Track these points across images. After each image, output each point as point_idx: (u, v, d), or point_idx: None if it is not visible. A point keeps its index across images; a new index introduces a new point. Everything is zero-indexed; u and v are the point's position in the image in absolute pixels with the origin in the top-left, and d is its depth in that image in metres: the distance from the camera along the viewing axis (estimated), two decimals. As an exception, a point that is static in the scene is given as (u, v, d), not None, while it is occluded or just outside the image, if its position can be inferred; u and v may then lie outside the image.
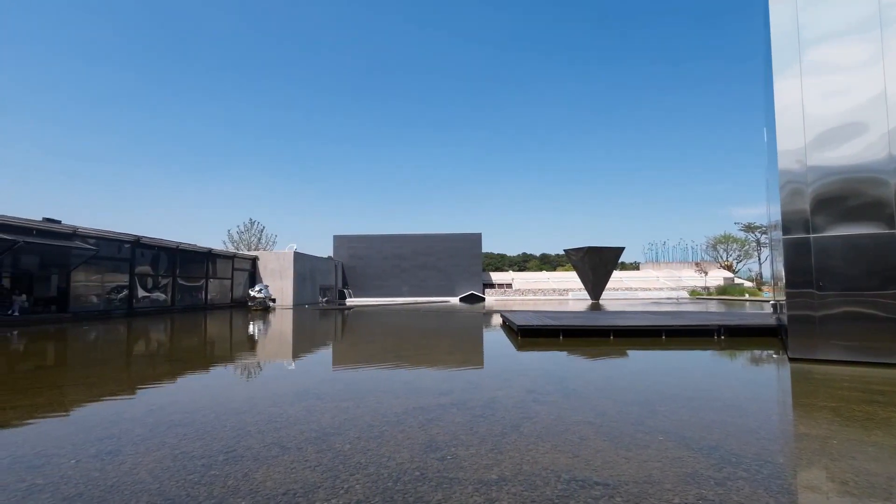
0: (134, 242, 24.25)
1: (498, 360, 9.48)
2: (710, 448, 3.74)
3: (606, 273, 42.83)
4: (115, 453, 3.68)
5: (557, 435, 4.08)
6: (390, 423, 4.48)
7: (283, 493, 2.93)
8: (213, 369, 8.49)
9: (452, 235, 54.63)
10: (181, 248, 28.00)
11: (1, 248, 17.54)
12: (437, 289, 52.96)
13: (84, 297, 21.90)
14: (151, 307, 25.60)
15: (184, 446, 3.84)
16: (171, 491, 2.97)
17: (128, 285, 24.10)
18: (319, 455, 3.60)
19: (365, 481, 3.10)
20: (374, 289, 52.96)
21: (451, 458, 3.51)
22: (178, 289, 27.98)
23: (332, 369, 8.74)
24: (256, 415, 4.86)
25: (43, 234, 19.39)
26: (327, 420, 4.59)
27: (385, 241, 54.47)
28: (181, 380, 7.35)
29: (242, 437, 4.08)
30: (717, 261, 67.52)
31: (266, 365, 9.05)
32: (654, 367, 8.24)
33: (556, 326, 12.07)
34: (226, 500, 2.82)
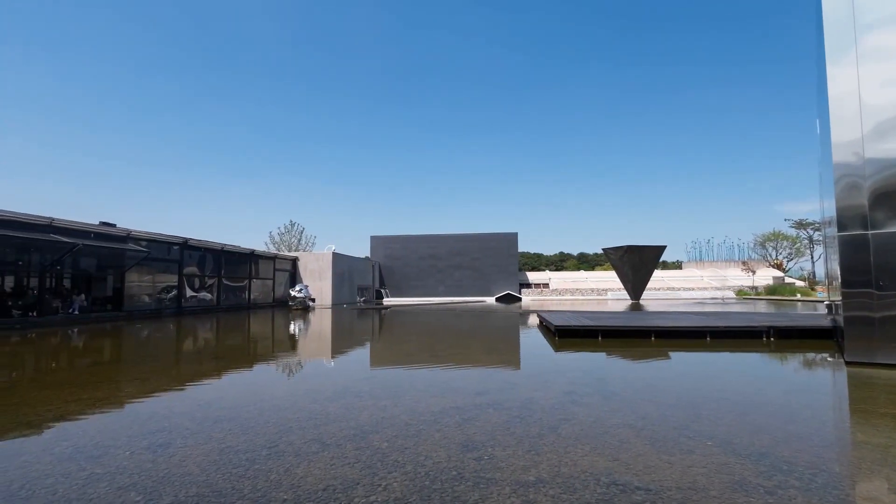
0: (182, 244, 25.32)
1: (535, 360, 9.38)
2: (759, 455, 3.58)
3: (647, 272, 41.69)
4: (166, 446, 3.85)
5: (597, 437, 4.00)
6: (427, 422, 4.51)
7: (323, 488, 2.99)
8: (256, 367, 8.76)
9: (488, 235, 54.44)
10: (226, 250, 29.04)
11: (62, 251, 18.67)
12: (473, 288, 52.90)
13: (137, 296, 23.03)
14: (198, 306, 26.67)
15: (229, 441, 3.98)
16: (217, 483, 3.08)
17: (176, 285, 25.20)
18: (358, 452, 3.66)
19: (402, 479, 3.13)
20: (410, 288, 53.41)
21: (487, 459, 3.50)
22: (223, 289, 29.03)
23: (370, 368, 8.86)
24: (297, 411, 4.99)
25: (99, 236, 20.52)
26: (365, 418, 4.66)
27: (421, 242, 54.83)
28: (226, 376, 7.62)
29: (284, 433, 4.19)
30: (765, 259, 64.57)
31: (306, 363, 9.27)
32: (699, 370, 7.96)
33: (594, 327, 11.84)
34: (269, 494, 2.91)
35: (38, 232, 17.77)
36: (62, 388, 6.37)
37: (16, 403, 5.49)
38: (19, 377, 7.58)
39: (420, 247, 54.63)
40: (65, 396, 5.85)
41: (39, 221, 18.09)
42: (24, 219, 17.52)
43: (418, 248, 54.63)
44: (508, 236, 54.31)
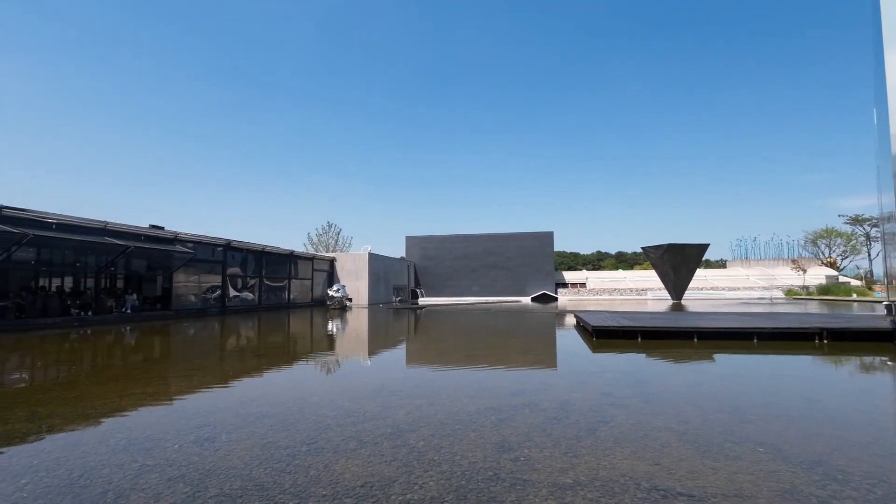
0: (225, 246, 26.23)
1: (572, 361, 9.24)
2: (811, 462, 3.41)
3: (689, 272, 40.36)
4: (212, 440, 4.00)
5: (637, 441, 3.91)
6: (463, 421, 4.51)
7: (361, 485, 3.04)
8: (295, 365, 8.99)
9: (523, 234, 53.96)
10: (266, 251, 29.90)
11: (115, 253, 19.67)
12: (508, 288, 52.57)
13: (184, 296, 24.01)
14: (241, 306, 27.57)
15: (270, 436, 4.09)
16: (259, 477, 3.18)
17: (220, 285, 26.13)
18: (395, 450, 3.70)
19: (438, 478, 3.14)
20: (445, 288, 53.55)
21: (524, 460, 3.47)
22: (264, 289, 29.90)
23: (406, 367, 8.94)
24: (335, 409, 5.08)
25: (149, 239, 21.50)
26: (402, 416, 4.71)
27: (455, 242, 54.88)
28: (268, 374, 7.85)
29: (323, 429, 4.28)
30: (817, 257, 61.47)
31: (344, 362, 9.44)
32: (745, 373, 7.65)
33: (633, 327, 11.56)
34: (308, 490, 2.98)
35: (94, 235, 18.79)
36: (116, 384, 6.71)
37: (76, 397, 5.82)
38: (78, 372, 8.03)
39: (455, 247, 54.69)
40: (119, 391, 6.16)
41: (94, 225, 19.12)
42: (80, 222, 18.56)
43: (453, 247, 54.70)
44: (544, 235, 53.67)
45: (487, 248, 54.06)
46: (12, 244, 15.73)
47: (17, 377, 7.64)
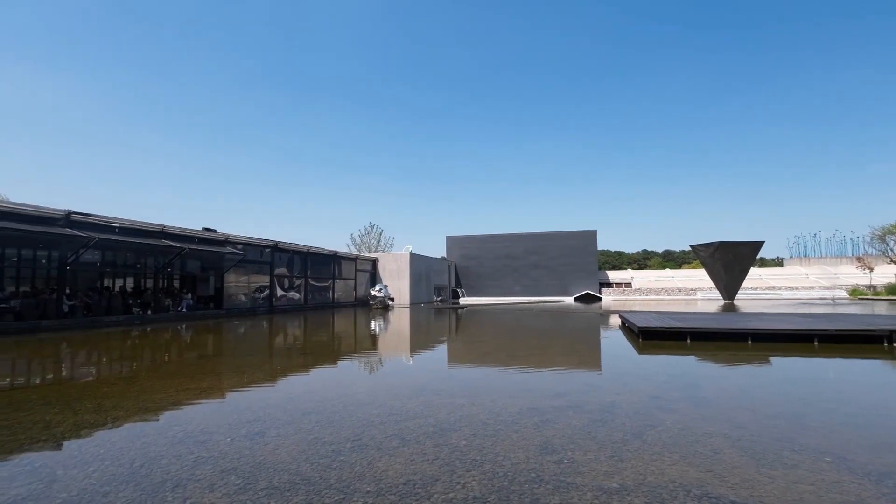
0: (273, 247, 27.14)
1: (617, 362, 9.02)
2: (880, 474, 3.19)
3: (742, 270, 38.56)
4: (261, 435, 4.15)
5: (686, 446, 3.77)
6: (505, 422, 4.48)
7: (404, 483, 3.07)
8: (340, 363, 9.19)
9: (566, 233, 53.06)
10: (311, 252, 30.73)
11: (172, 254, 20.71)
12: (551, 288, 51.84)
13: (234, 295, 25.02)
14: (288, 305, 28.44)
15: (316, 432, 4.20)
16: (306, 472, 3.27)
17: (268, 285, 27.06)
18: (437, 449, 3.72)
19: (481, 478, 3.13)
20: (486, 288, 53.38)
21: (567, 462, 3.41)
22: (310, 288, 30.74)
23: (448, 366, 8.97)
24: (378, 407, 5.16)
25: (202, 241, 22.52)
26: (444, 416, 4.73)
27: (497, 241, 54.59)
28: (314, 371, 8.06)
29: (366, 427, 4.36)
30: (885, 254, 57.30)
31: (386, 360, 9.57)
32: (805, 377, 7.24)
33: (682, 328, 11.15)
34: (353, 485, 3.04)
35: (152, 238, 19.86)
36: (173, 379, 7.07)
37: (137, 391, 6.16)
38: (140, 368, 8.51)
39: (496, 246, 54.42)
40: (176, 386, 6.48)
41: (153, 228, 20.21)
42: (140, 226, 19.66)
43: (494, 247, 54.45)
44: (587, 234, 52.58)
45: (529, 248, 53.49)
46: (80, 247, 16.85)
47: (86, 371, 8.17)
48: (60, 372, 8.21)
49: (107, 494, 2.92)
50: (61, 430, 4.35)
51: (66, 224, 16.72)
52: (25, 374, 8.05)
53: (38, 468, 3.40)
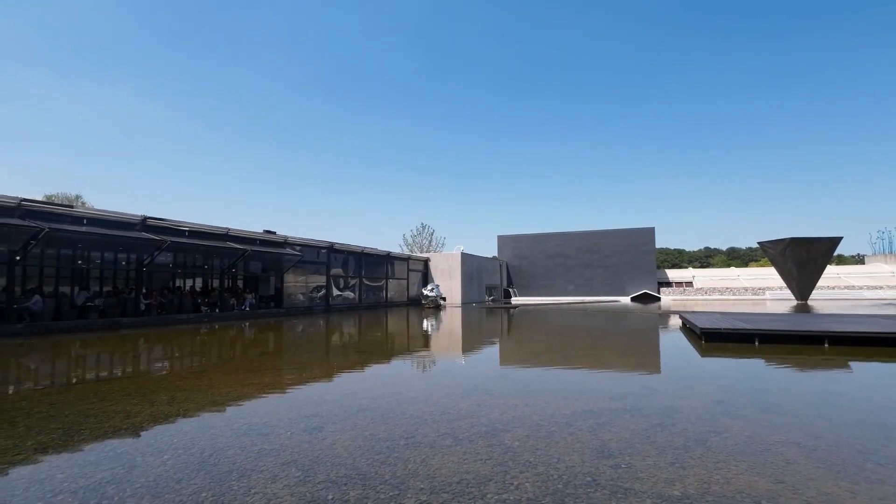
0: (329, 248, 28.01)
1: (677, 365, 8.64)
2: (982, 493, 2.87)
3: (817, 269, 35.90)
4: (319, 429, 4.29)
5: (755, 455, 3.56)
6: (559, 424, 4.40)
7: (457, 481, 3.08)
8: (393, 361, 9.35)
9: (622, 231, 51.42)
10: (365, 252, 31.46)
11: (236, 256, 21.82)
12: (606, 287, 50.41)
13: (293, 295, 26.02)
14: (343, 304, 29.26)
15: (371, 429, 4.30)
16: (362, 467, 3.35)
17: (325, 285, 27.96)
18: (489, 449, 3.70)
19: (534, 480, 3.09)
20: (538, 288, 52.66)
21: (625, 467, 3.31)
22: (364, 288, 31.49)
23: (500, 366, 8.92)
24: (431, 405, 5.21)
25: (263, 243, 23.58)
26: (496, 416, 4.70)
27: (549, 240, 53.72)
28: (368, 369, 8.25)
29: (420, 425, 4.41)
30: None
31: (439, 359, 9.64)
32: (890, 384, 6.65)
33: (749, 330, 10.53)
34: (407, 482, 3.08)
35: (218, 240, 21.00)
36: (238, 374, 7.44)
37: (206, 385, 6.54)
38: (208, 363, 9.03)
39: (548, 245, 53.56)
40: (240, 381, 6.82)
41: (218, 231, 21.37)
42: (207, 229, 20.85)
43: (546, 246, 53.61)
44: (644, 231, 50.72)
45: (583, 246, 52.27)
46: (155, 250, 18.08)
47: (160, 366, 8.75)
48: (138, 366, 8.85)
49: (179, 481, 3.12)
50: (139, 420, 4.68)
51: (142, 228, 18.00)
52: (108, 367, 8.73)
53: (120, 454, 3.68)
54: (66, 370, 8.50)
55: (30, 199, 15.46)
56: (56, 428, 4.39)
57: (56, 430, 4.34)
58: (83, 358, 10.03)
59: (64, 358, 9.98)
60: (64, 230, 15.06)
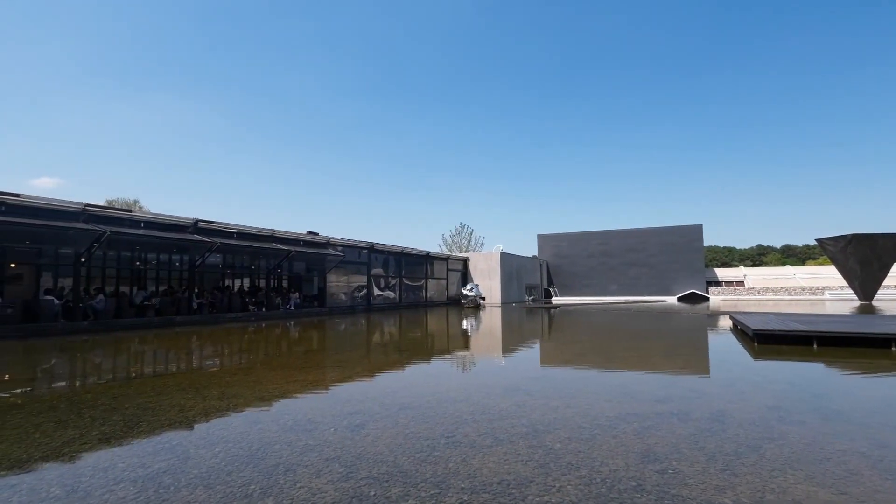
0: (369, 248, 28.47)
1: (727, 368, 8.29)
2: None
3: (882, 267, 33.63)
4: (361, 427, 4.37)
5: (814, 464, 3.37)
6: (602, 426, 4.31)
7: (498, 482, 3.07)
8: (433, 360, 9.40)
9: (667, 228, 49.80)
10: (405, 252, 31.79)
11: (281, 257, 22.50)
12: (651, 287, 48.96)
13: (335, 294, 26.60)
14: (384, 304, 29.67)
15: (412, 427, 4.34)
16: (403, 465, 3.39)
17: (366, 285, 28.43)
18: (531, 450, 3.67)
19: (577, 483, 3.04)
20: (580, 287, 51.72)
21: (672, 473, 3.20)
22: (404, 288, 31.83)
23: (541, 367, 8.82)
24: (471, 405, 5.21)
25: (307, 244, 24.22)
26: (537, 417, 4.65)
27: (591, 238, 52.67)
28: (409, 367, 8.33)
29: (460, 424, 4.42)
30: None
31: (479, 359, 9.63)
32: (969, 392, 6.14)
33: (807, 332, 9.98)
34: (447, 481, 3.09)
35: (264, 241, 21.72)
36: (284, 371, 7.67)
37: (254, 381, 6.78)
38: (255, 360, 9.36)
39: (590, 244, 52.51)
40: (286, 377, 7.04)
41: (264, 233, 22.10)
42: (254, 231, 21.60)
43: (588, 245, 52.58)
44: (691, 229, 48.94)
45: (626, 245, 50.95)
46: (206, 251, 18.89)
47: (211, 363, 9.14)
48: (191, 362, 9.27)
49: (230, 473, 3.24)
50: (193, 414, 4.91)
51: (194, 231, 18.84)
52: (164, 362, 9.19)
53: (174, 446, 3.87)
54: (126, 365, 9.01)
55: (93, 205, 16.48)
56: (118, 420, 4.66)
57: (118, 421, 4.61)
58: (141, 354, 10.60)
59: (124, 353, 10.58)
60: (123, 233, 15.97)
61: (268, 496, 2.87)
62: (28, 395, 6.14)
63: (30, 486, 3.08)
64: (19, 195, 14.20)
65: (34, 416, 4.86)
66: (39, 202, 14.71)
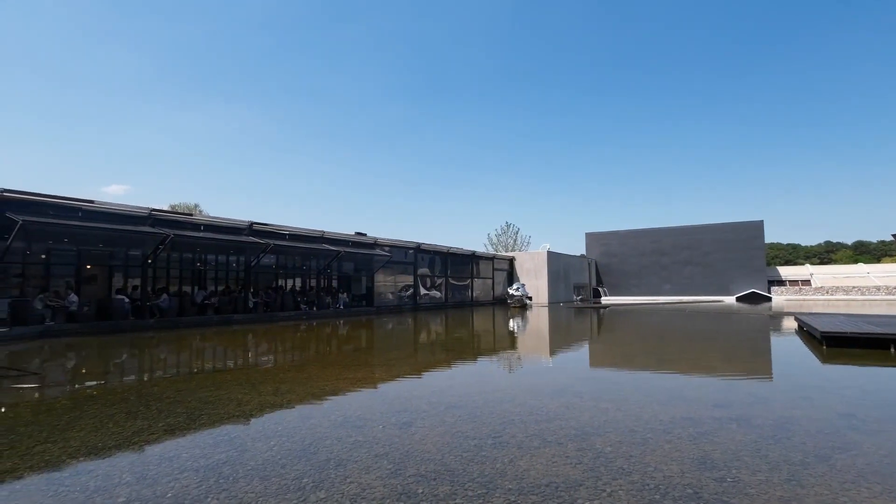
0: (415, 249, 28.77)
1: (792, 372, 7.81)
2: None
3: (972, 264, 30.67)
4: (409, 425, 4.42)
5: (892, 477, 3.12)
6: (655, 430, 4.16)
7: (546, 484, 3.02)
8: (480, 360, 9.38)
9: (725, 225, 47.52)
10: (451, 252, 31.91)
11: (330, 257, 23.12)
12: (707, 287, 46.85)
13: (383, 294, 27.05)
14: (430, 303, 29.89)
15: (459, 426, 4.35)
16: (451, 463, 3.40)
17: (412, 284, 28.75)
18: (580, 453, 3.59)
19: (629, 488, 2.95)
20: (630, 287, 50.19)
21: (731, 481, 3.05)
22: (450, 287, 31.95)
23: (590, 368, 8.63)
24: (518, 406, 5.16)
25: (355, 244, 24.76)
26: (586, 419, 4.55)
27: (642, 236, 50.99)
28: (455, 367, 8.35)
29: (507, 425, 4.39)
30: None
31: (526, 359, 9.53)
32: None
33: (883, 335, 9.25)
34: (495, 481, 3.08)
35: (314, 242, 22.38)
36: (334, 368, 7.88)
37: (305, 378, 7.00)
38: (307, 357, 9.66)
39: (641, 242, 50.84)
40: (336, 375, 7.22)
41: (314, 234, 22.77)
42: (305, 232, 22.30)
43: (639, 243, 50.92)
44: (751, 225, 46.45)
45: (680, 243, 48.98)
46: (260, 252, 19.68)
47: (266, 359, 9.51)
48: (247, 358, 9.69)
49: (284, 466, 3.37)
50: (249, 408, 5.12)
51: (250, 233, 19.68)
52: (223, 359, 9.65)
53: (233, 438, 4.05)
54: (188, 361, 9.52)
55: (158, 209, 17.54)
56: (181, 412, 4.94)
57: (181, 413, 4.88)
58: (202, 350, 11.17)
59: (186, 350, 11.18)
60: (185, 236, 16.88)
61: (319, 489, 2.95)
62: (102, 388, 6.60)
63: (105, 472, 3.31)
64: (93, 201, 15.30)
65: (108, 407, 5.22)
66: (111, 208, 15.79)
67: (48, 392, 6.35)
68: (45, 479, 3.20)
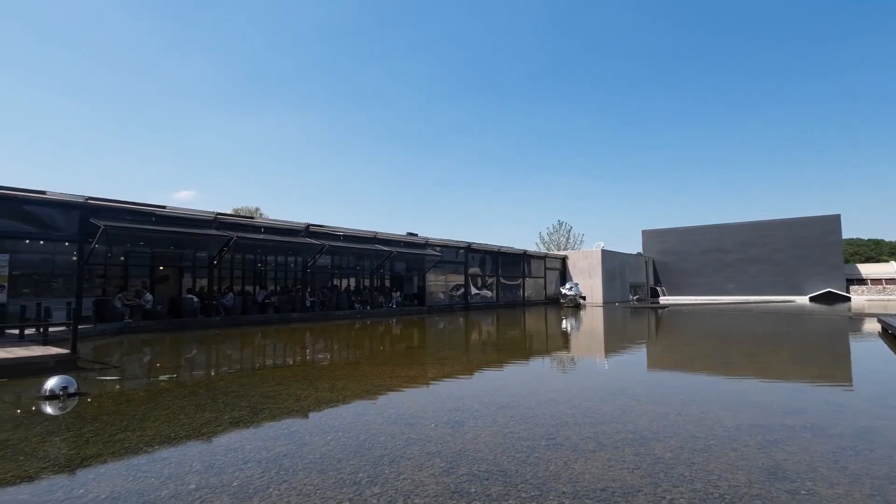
0: (466, 248, 28.82)
1: (876, 378, 7.20)
2: None
3: None
4: (461, 424, 4.43)
5: None
6: (719, 437, 3.96)
7: (602, 488, 2.94)
8: (532, 360, 9.27)
9: (796, 220, 44.47)
10: (502, 251, 31.73)
11: (383, 258, 23.57)
12: (776, 286, 44.03)
13: (434, 293, 27.28)
14: (481, 302, 29.85)
15: (511, 427, 4.31)
16: (504, 464, 3.38)
17: (463, 284, 28.82)
18: (637, 458, 3.47)
19: (691, 496, 2.82)
20: (690, 286, 47.97)
21: (805, 494, 2.84)
22: (501, 287, 31.78)
23: (648, 370, 8.32)
24: (572, 407, 5.06)
25: (407, 245, 25.12)
26: (644, 423, 4.40)
27: (702, 233, 48.61)
28: (507, 367, 8.30)
29: (560, 426, 4.31)
30: None
31: (580, 360, 9.32)
32: None
33: (984, 339, 8.35)
34: (548, 483, 3.03)
35: (367, 243, 22.89)
36: (388, 366, 8.03)
37: (360, 375, 7.18)
38: (362, 355, 9.90)
39: (702, 239, 48.47)
40: (389, 372, 7.36)
41: (367, 235, 23.29)
42: (358, 233, 22.86)
43: (699, 240, 48.57)
44: (827, 220, 43.20)
45: (746, 239, 46.30)
46: (316, 253, 20.36)
47: (322, 357, 9.82)
48: (305, 355, 10.05)
49: (340, 461, 3.47)
50: (307, 404, 5.31)
51: (306, 234, 20.40)
52: (283, 355, 10.06)
53: (293, 432, 4.22)
54: (251, 357, 9.99)
55: (223, 213, 18.54)
56: (245, 406, 5.19)
57: (245, 407, 5.13)
58: (264, 347, 11.69)
59: (249, 346, 11.74)
60: (247, 238, 17.74)
61: (374, 485, 3.02)
62: (174, 381, 7.05)
63: (177, 460, 3.54)
64: (165, 207, 16.38)
65: (179, 399, 5.57)
66: (181, 212, 16.84)
67: (127, 384, 6.85)
68: (125, 464, 3.46)
